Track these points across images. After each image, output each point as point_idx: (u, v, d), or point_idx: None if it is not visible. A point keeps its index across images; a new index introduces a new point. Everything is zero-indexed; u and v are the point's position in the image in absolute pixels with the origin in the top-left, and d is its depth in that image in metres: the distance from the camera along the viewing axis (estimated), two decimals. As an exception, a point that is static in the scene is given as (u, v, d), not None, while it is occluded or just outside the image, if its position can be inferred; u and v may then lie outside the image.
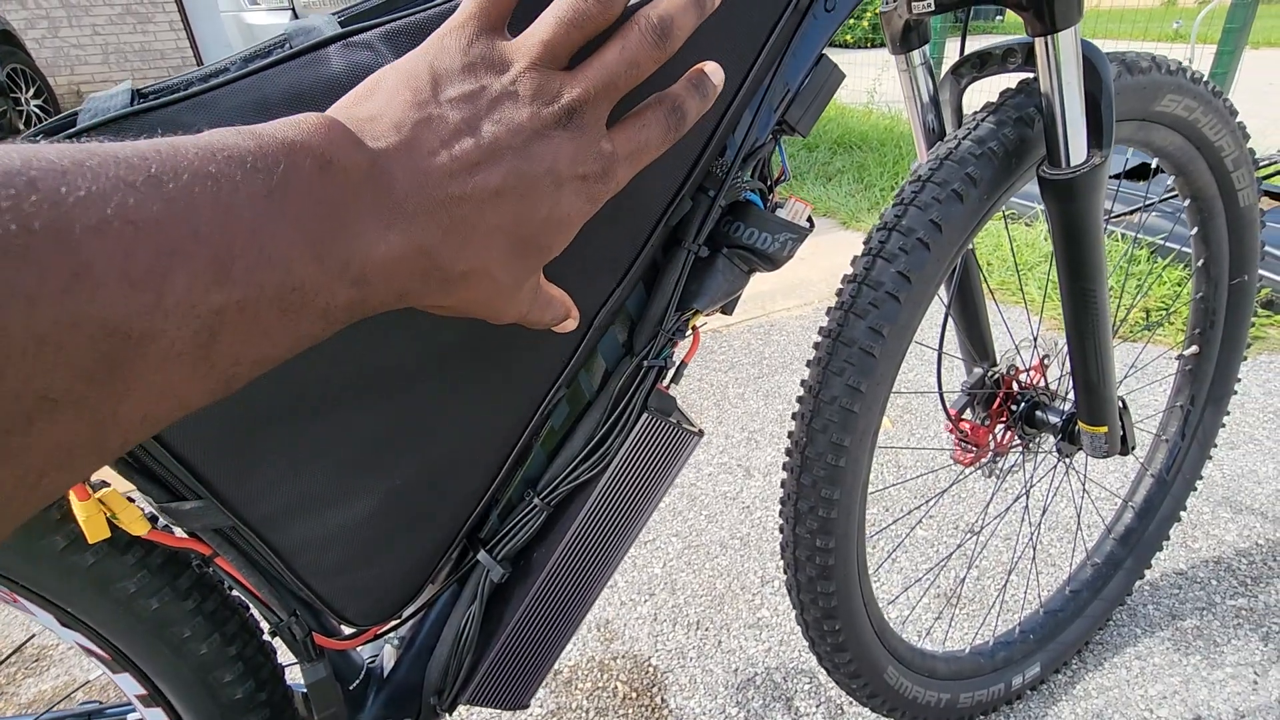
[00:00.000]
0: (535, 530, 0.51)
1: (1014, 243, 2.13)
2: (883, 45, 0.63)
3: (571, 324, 0.35)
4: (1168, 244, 1.93)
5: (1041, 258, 2.08)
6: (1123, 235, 2.02)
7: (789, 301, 2.05)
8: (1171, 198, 1.85)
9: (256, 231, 0.19)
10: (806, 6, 0.43)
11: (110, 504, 0.39)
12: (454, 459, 0.45)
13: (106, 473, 0.39)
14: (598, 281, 0.44)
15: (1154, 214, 1.99)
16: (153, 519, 0.43)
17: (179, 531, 0.44)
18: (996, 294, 2.01)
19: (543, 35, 0.27)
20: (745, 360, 1.74)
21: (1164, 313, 1.81)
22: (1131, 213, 2.02)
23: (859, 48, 8.83)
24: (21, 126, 3.96)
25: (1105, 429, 0.68)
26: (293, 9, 2.02)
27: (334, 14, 0.39)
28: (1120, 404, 0.70)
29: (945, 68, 0.62)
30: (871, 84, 4.46)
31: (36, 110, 4.28)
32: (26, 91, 4.24)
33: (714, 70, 0.31)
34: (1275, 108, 3.80)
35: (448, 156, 0.24)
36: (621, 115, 0.30)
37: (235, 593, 0.48)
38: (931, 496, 1.24)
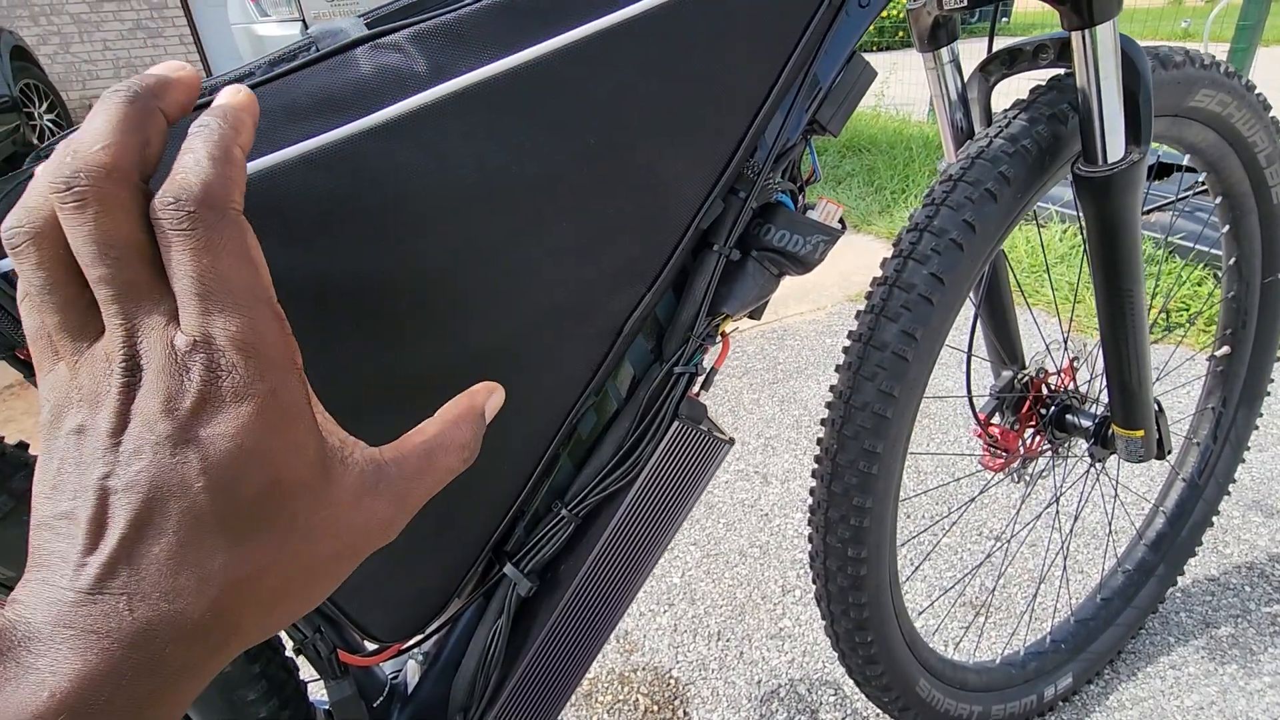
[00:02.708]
0: (563, 543, 0.49)
1: (1043, 243, 2.10)
2: (890, 48, 0.62)
3: (497, 401, 0.30)
4: (1187, 244, 1.91)
5: (1057, 259, 2.06)
6: (1145, 236, 2.00)
7: (802, 306, 2.03)
8: (1191, 196, 1.83)
9: None
10: (840, 4, 0.42)
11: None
12: (481, 469, 0.44)
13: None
14: (628, 288, 0.43)
15: (1172, 214, 1.96)
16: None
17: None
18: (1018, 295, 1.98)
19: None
20: (759, 366, 1.73)
21: (1186, 314, 1.78)
22: (1151, 211, 2.00)
23: (866, 51, 8.80)
24: (35, 140, 4.00)
25: (1142, 433, 0.66)
26: (303, 20, 2.03)
27: (360, 16, 0.39)
28: (1156, 406, 0.68)
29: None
30: (880, 87, 4.45)
31: (50, 125, 4.33)
32: (40, 106, 4.28)
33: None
34: (1289, 105, 3.75)
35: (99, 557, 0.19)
36: None
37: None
38: (960, 504, 1.22)
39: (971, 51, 0.60)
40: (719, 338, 0.49)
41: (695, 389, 0.49)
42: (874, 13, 0.44)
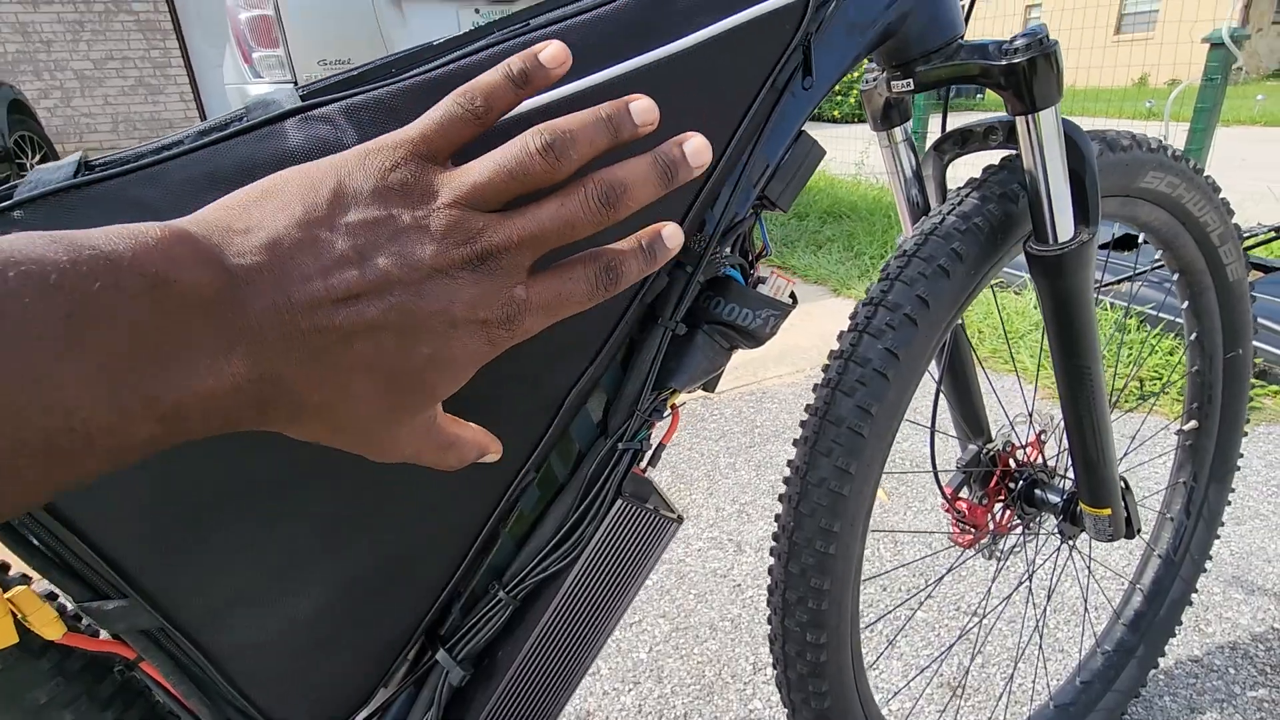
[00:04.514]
0: (500, 626, 0.46)
1: (1003, 312, 2.13)
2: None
3: (493, 457, 0.32)
4: (1158, 314, 1.94)
5: (1031, 325, 2.09)
6: (1112, 305, 2.04)
7: (781, 369, 2.03)
8: (1158, 268, 1.87)
9: (32, 368, 0.16)
10: (784, 84, 0.42)
11: (21, 605, 0.35)
12: (412, 549, 0.42)
13: (25, 569, 0.36)
14: (567, 360, 0.41)
15: (1142, 284, 2.01)
16: (76, 618, 0.39)
17: (104, 634, 0.40)
18: (987, 363, 2.00)
19: (476, 177, 0.25)
20: (737, 429, 1.71)
21: (1159, 383, 1.80)
22: (1118, 282, 2.04)
23: (846, 122, 9.17)
24: (25, 191, 4.02)
25: (1109, 511, 0.65)
26: (295, 82, 2.08)
27: (297, 88, 0.38)
28: (1123, 484, 0.67)
29: (929, 141, 0.62)
30: (859, 156, 4.61)
31: (41, 175, 4.37)
32: (33, 157, 4.33)
33: (671, 234, 0.29)
34: (1249, 181, 3.92)
35: (321, 285, 0.22)
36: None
37: (163, 700, 0.44)
38: (931, 580, 1.19)
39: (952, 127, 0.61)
40: (668, 412, 0.48)
41: (642, 465, 0.47)
42: (820, 94, 0.44)
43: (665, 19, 0.38)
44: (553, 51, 0.28)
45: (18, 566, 0.38)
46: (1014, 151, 0.57)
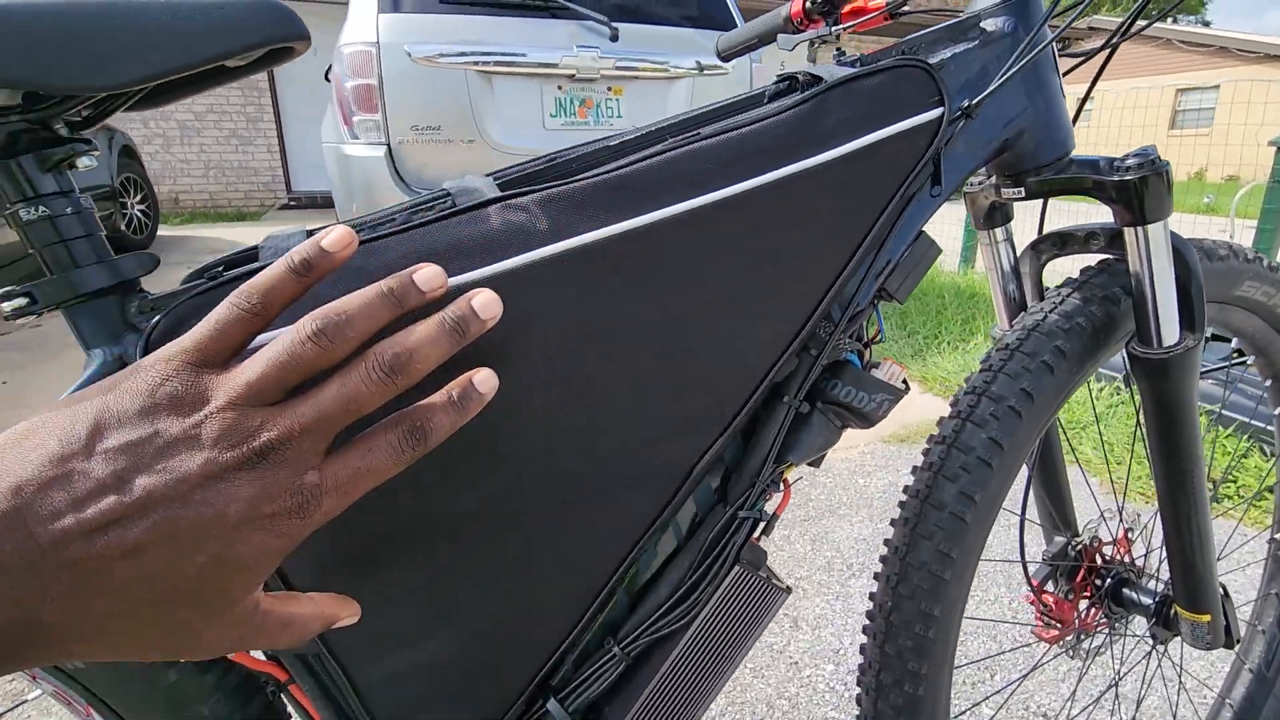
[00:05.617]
0: (611, 682, 0.48)
1: (1098, 412, 2.09)
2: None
3: (347, 621, 0.31)
4: (1230, 415, 1.89)
5: (1094, 418, 2.04)
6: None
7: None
8: (1228, 366, 1.83)
9: None
10: (914, 193, 0.46)
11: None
12: (542, 601, 0.44)
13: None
14: (700, 432, 0.45)
15: (1210, 382, 1.96)
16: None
17: (259, 654, 0.43)
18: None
19: (249, 375, 0.25)
20: (792, 503, 1.70)
21: (1234, 485, 1.73)
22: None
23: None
24: (122, 228, 4.34)
25: (1208, 617, 0.64)
26: (388, 145, 2.23)
27: (489, 175, 0.44)
28: (1221, 590, 0.65)
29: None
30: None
31: (139, 213, 4.72)
32: (134, 196, 4.69)
33: (483, 380, 0.29)
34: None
35: (72, 519, 0.22)
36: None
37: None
38: (1009, 676, 1.15)
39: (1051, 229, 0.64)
40: (781, 485, 0.50)
41: (756, 534, 0.49)
42: (943, 198, 0.48)
43: (814, 133, 0.42)
44: (336, 237, 0.27)
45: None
46: (1111, 256, 0.59)
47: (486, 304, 0.29)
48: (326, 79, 2.57)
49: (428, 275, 0.28)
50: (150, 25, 0.32)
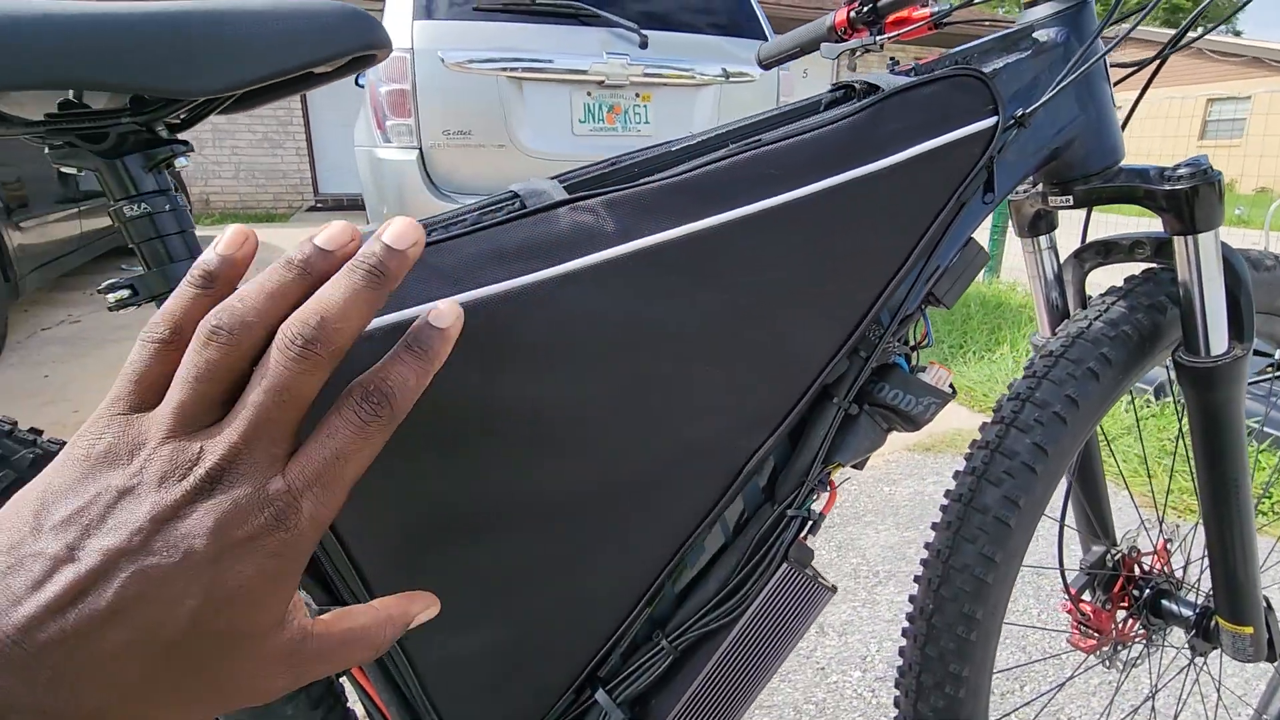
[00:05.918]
0: (659, 675, 0.49)
1: (1140, 425, 2.07)
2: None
3: (427, 616, 0.30)
4: (1267, 430, 1.86)
5: (1124, 430, 2.02)
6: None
7: (859, 450, 2.02)
8: (1270, 379, 1.80)
9: None
10: (967, 200, 0.47)
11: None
12: (596, 592, 0.46)
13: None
14: (752, 432, 0.46)
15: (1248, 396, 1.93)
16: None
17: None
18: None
19: (174, 400, 0.23)
20: (816, 507, 1.70)
21: (1269, 501, 1.71)
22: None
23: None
24: (157, 226, 4.43)
25: (1251, 629, 0.63)
26: (420, 149, 2.27)
27: (555, 177, 0.45)
28: (1265, 602, 0.65)
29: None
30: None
31: (172, 214, 4.82)
32: (167, 198, 4.79)
33: (441, 314, 0.27)
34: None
35: (34, 603, 0.20)
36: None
37: (365, 705, 0.48)
38: (1042, 684, 1.14)
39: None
40: (828, 485, 0.51)
41: (804, 533, 0.50)
42: (994, 205, 0.49)
43: (872, 140, 0.43)
44: (230, 238, 0.25)
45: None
46: (1157, 265, 0.60)
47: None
48: (358, 84, 2.62)
49: (330, 234, 0.25)
50: (250, 33, 0.34)
